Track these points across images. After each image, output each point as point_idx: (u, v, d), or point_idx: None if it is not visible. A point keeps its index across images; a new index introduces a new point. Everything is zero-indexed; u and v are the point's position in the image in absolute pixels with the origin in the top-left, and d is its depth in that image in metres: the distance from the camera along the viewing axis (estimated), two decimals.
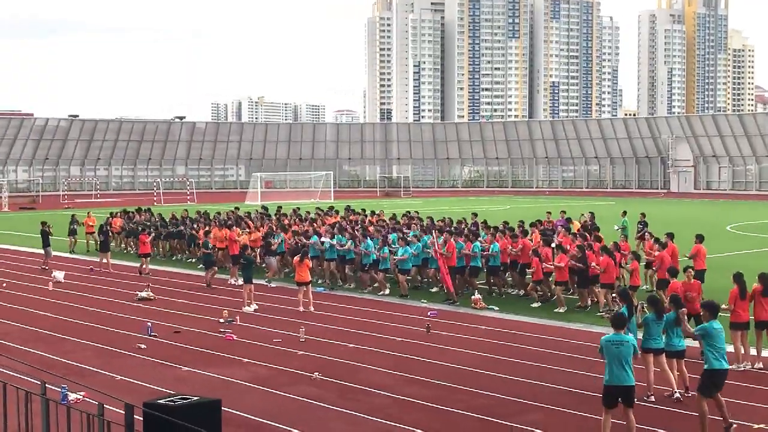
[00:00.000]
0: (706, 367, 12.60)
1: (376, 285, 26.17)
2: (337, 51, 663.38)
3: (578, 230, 28.04)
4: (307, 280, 23.29)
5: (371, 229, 28.99)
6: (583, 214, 34.23)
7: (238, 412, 13.50)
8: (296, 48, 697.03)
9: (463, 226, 29.66)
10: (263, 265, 28.90)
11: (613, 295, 18.66)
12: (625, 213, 34.22)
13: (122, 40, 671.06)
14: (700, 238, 23.76)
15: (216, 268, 28.45)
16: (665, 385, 14.41)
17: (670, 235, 23.85)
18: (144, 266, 30.87)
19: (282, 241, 29.29)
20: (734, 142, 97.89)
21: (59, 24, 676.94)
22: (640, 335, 14.71)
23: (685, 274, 18.19)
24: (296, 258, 23.93)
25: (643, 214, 33.55)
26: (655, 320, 14.26)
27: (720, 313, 13.57)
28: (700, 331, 12.93)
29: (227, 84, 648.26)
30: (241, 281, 26.29)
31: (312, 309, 22.83)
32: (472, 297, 23.84)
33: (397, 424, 13.09)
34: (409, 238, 26.19)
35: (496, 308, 23.24)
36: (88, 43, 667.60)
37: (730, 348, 16.22)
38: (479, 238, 26.03)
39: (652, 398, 14.17)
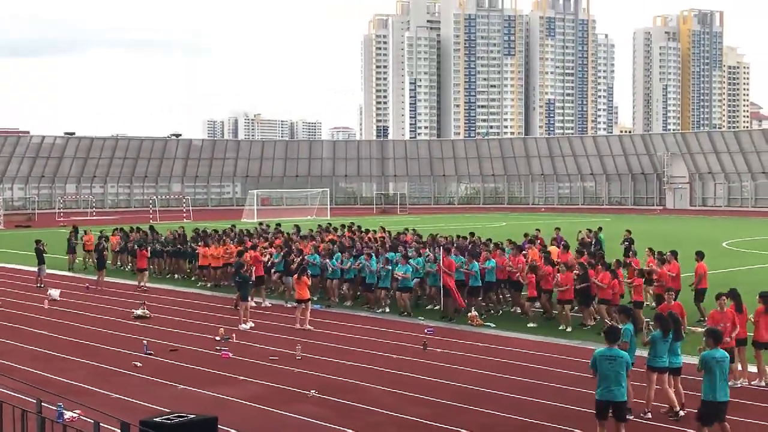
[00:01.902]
0: (703, 398, 12.27)
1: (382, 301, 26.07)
2: (333, 68, 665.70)
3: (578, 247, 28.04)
4: (306, 297, 23.11)
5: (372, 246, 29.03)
6: (580, 231, 34.24)
7: (233, 430, 13.43)
8: (292, 65, 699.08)
9: (466, 242, 29.66)
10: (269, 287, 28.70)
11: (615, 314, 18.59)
12: (600, 229, 34.39)
13: (117, 58, 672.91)
14: (700, 256, 23.73)
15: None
16: (665, 402, 14.36)
17: (674, 253, 23.79)
18: (142, 282, 30.97)
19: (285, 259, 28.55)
20: (730, 159, 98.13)
21: (54, 43, 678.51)
22: (644, 353, 14.63)
23: (665, 296, 17.91)
24: (295, 276, 23.87)
25: (629, 231, 33.45)
26: (662, 338, 14.16)
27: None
28: (702, 364, 12.29)
29: (223, 101, 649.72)
30: (268, 302, 26.28)
31: (309, 327, 22.73)
32: (469, 314, 23.79)
33: None
34: (410, 254, 26.13)
35: (493, 325, 23.20)
36: (83, 61, 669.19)
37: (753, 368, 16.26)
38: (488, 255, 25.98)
39: (649, 415, 14.12)
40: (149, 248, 33.84)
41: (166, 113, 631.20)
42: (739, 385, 16.07)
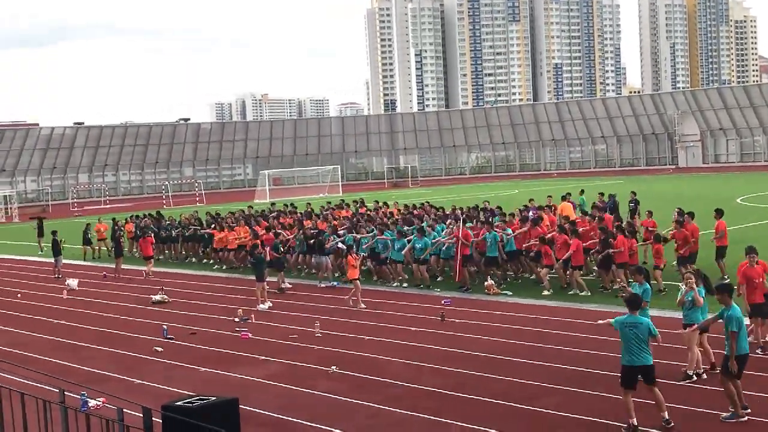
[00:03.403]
0: (727, 352, 12.17)
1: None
2: (338, 44, 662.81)
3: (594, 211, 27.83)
4: (353, 276, 22.72)
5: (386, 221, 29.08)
6: (601, 194, 33.99)
7: (257, 410, 13.55)
8: (297, 44, 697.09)
9: (479, 212, 29.55)
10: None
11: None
12: (582, 191, 34.78)
13: (121, 44, 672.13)
14: (720, 213, 23.57)
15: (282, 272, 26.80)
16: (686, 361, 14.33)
17: (691, 214, 23.64)
18: (149, 270, 31.23)
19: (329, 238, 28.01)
20: (740, 114, 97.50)
21: (56, 32, 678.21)
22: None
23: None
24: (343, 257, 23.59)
25: (634, 193, 33.53)
26: (704, 296, 14.10)
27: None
28: (732, 319, 12.12)
29: (229, 83, 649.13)
30: (287, 283, 26.30)
31: (362, 306, 22.30)
32: (486, 283, 23.82)
33: (417, 414, 13.11)
34: (426, 228, 26.12)
35: (510, 293, 23.23)
36: (87, 50, 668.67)
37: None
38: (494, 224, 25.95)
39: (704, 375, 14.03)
40: (153, 234, 34.18)
41: (171, 97, 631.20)
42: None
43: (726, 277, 22.04)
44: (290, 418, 13.27)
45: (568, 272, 23.18)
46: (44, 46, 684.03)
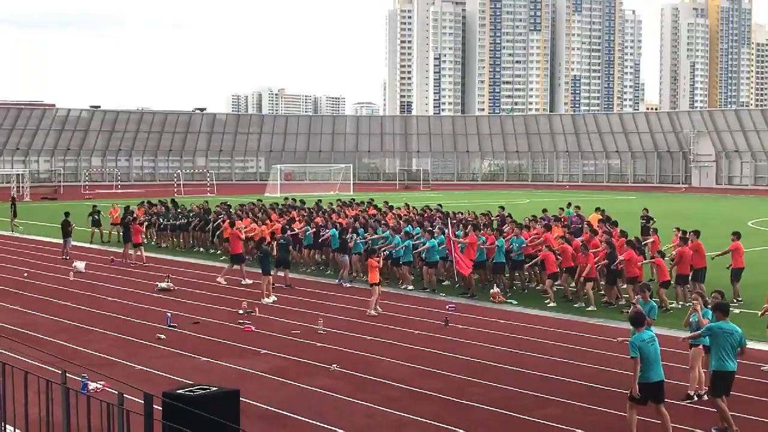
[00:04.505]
0: (712, 368, 12.33)
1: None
2: (358, 43, 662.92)
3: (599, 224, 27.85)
4: (374, 280, 21.86)
5: (392, 221, 29.08)
6: (562, 209, 34.34)
7: (256, 403, 13.58)
8: (316, 40, 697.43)
9: (486, 219, 29.49)
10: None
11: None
12: (569, 204, 34.99)
13: (144, 32, 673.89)
14: (737, 236, 23.55)
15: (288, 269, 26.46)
16: (689, 381, 14.31)
17: (696, 233, 23.58)
18: (136, 254, 31.39)
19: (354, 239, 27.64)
20: (757, 137, 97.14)
21: (81, 16, 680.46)
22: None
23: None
24: (367, 259, 22.84)
25: (646, 210, 33.44)
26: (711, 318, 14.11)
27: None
28: (707, 332, 12.53)
29: (247, 76, 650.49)
30: (248, 281, 26.26)
31: (378, 309, 21.74)
32: (491, 291, 23.82)
33: (414, 417, 13.13)
34: (435, 231, 26.06)
35: (515, 302, 23.22)
36: (109, 35, 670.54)
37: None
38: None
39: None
40: (145, 223, 35.19)
41: (190, 87, 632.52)
42: None
43: (740, 299, 22.04)
44: (288, 413, 13.31)
45: (573, 284, 23.07)
46: (66, 29, 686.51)
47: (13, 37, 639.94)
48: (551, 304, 22.73)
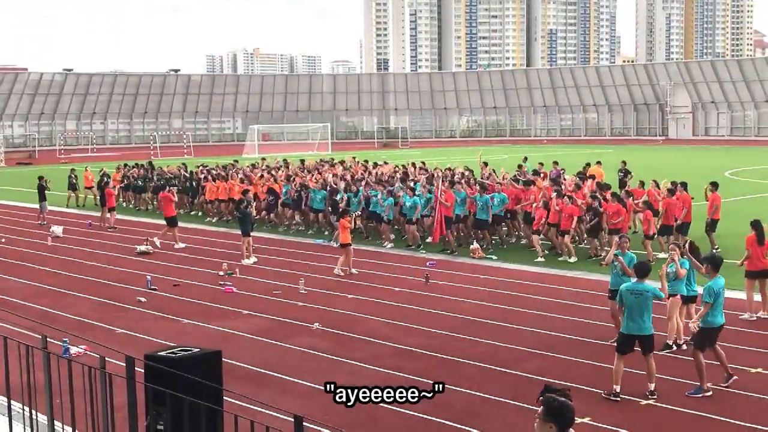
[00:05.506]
0: (700, 323, 12.32)
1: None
2: (333, 1, 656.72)
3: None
4: (346, 240, 21.57)
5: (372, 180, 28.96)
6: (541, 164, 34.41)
7: (239, 363, 13.57)
8: None
9: (467, 174, 29.25)
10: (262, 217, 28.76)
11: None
12: (525, 159, 35.64)
13: None
14: (715, 186, 23.53)
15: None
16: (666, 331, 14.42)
17: (684, 185, 23.56)
18: (107, 218, 31.10)
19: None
20: (733, 88, 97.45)
21: None
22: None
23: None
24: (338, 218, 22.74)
25: (624, 162, 33.50)
26: (689, 268, 14.22)
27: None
28: (710, 297, 12.21)
29: (222, 36, 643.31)
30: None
31: (353, 270, 21.43)
32: (471, 246, 23.83)
33: (398, 373, 13.15)
34: (418, 190, 25.88)
35: (495, 257, 23.24)
36: None
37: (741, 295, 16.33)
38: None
39: (684, 347, 14.06)
40: (118, 187, 35.88)
41: (163, 48, 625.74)
42: (755, 319, 16.08)
43: (717, 248, 22.17)
44: (271, 373, 13.30)
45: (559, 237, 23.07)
46: None
47: None
48: (540, 259, 22.58)
